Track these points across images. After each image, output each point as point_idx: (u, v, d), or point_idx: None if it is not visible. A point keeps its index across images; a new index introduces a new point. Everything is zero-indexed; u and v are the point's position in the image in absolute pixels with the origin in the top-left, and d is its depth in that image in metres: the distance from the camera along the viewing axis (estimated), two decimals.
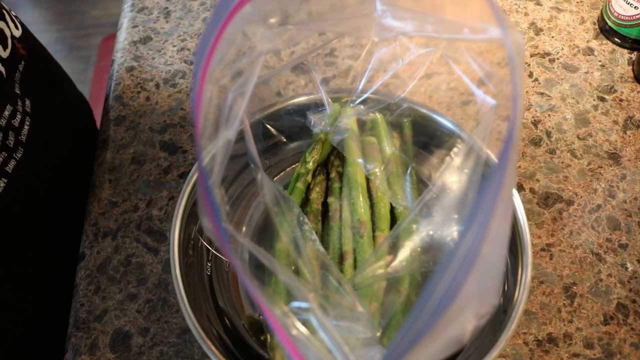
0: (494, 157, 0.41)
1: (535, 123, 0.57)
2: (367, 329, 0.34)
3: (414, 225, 0.40)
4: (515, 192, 0.42)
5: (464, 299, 0.18)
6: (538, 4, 0.68)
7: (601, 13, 0.65)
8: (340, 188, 0.45)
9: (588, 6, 0.67)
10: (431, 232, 0.40)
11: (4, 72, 0.44)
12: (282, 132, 0.50)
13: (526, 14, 0.67)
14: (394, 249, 0.40)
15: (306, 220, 0.41)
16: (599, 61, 0.62)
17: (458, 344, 0.21)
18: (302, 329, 0.29)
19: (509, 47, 0.18)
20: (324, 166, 0.47)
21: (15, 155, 0.45)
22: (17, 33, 0.48)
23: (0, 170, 0.44)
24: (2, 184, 0.44)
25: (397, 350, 0.19)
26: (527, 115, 0.58)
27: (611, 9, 0.62)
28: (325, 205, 0.45)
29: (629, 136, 0.57)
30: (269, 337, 0.40)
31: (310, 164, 0.45)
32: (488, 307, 0.20)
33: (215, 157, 0.31)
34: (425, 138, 0.48)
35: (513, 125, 0.17)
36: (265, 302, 0.25)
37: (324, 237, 0.44)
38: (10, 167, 0.45)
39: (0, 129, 0.43)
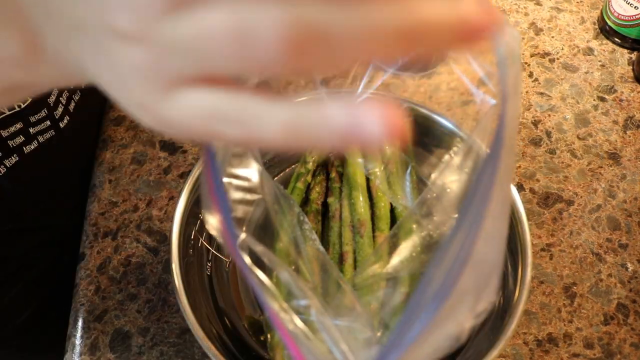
0: None
1: (535, 123, 0.57)
2: (366, 329, 0.34)
3: (414, 225, 0.40)
4: (515, 192, 0.42)
5: (459, 295, 0.18)
6: (538, 4, 0.68)
7: (601, 13, 0.65)
8: (340, 188, 0.45)
9: (588, 6, 0.67)
10: (431, 232, 0.40)
11: None
12: None
13: (526, 14, 0.67)
14: (393, 248, 0.40)
15: (306, 219, 0.41)
16: (599, 61, 0.62)
17: (456, 341, 0.21)
18: (303, 327, 0.29)
19: (500, 42, 0.18)
20: (324, 166, 0.47)
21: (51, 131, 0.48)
22: None
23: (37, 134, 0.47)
24: (49, 135, 0.47)
25: (393, 347, 0.19)
26: (527, 115, 0.58)
27: (611, 9, 0.62)
28: (325, 205, 0.45)
29: (629, 136, 0.57)
30: (268, 337, 0.41)
31: (310, 164, 0.45)
32: (485, 304, 0.20)
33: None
34: (425, 138, 0.48)
35: (502, 122, 0.17)
36: (269, 298, 0.25)
37: (324, 237, 0.44)
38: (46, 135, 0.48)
39: (48, 107, 0.47)
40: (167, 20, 0.14)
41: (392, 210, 0.44)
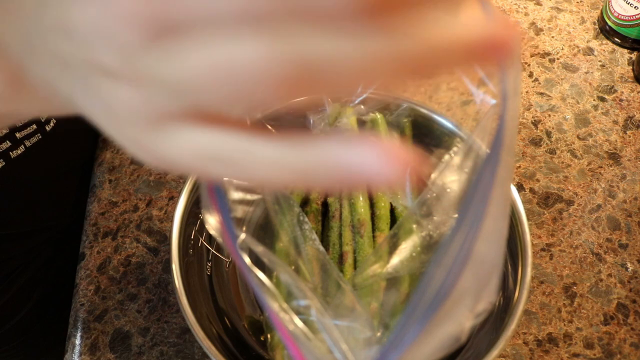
0: None
1: (535, 123, 0.57)
2: (366, 329, 0.34)
3: (414, 225, 0.40)
4: (515, 192, 0.42)
5: (458, 295, 0.18)
6: (538, 4, 0.68)
7: (601, 13, 0.65)
8: None
9: (588, 6, 0.67)
10: (431, 232, 0.40)
11: None
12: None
13: (526, 14, 0.67)
14: (393, 248, 0.40)
15: (306, 219, 0.41)
16: (599, 61, 0.62)
17: (456, 341, 0.21)
18: (303, 327, 0.29)
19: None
20: None
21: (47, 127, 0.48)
22: None
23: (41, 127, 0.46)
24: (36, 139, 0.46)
25: (393, 346, 0.19)
26: (527, 115, 0.58)
27: (611, 9, 0.62)
28: (325, 205, 0.45)
29: (629, 136, 0.57)
30: (269, 337, 0.41)
31: None
32: (485, 304, 0.20)
33: None
34: (425, 138, 0.48)
35: (502, 122, 0.17)
36: (269, 299, 0.25)
37: (324, 237, 0.44)
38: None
39: None
40: (150, 55, 0.13)
41: (392, 210, 0.44)
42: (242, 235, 0.34)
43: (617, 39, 0.63)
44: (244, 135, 0.15)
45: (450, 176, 0.38)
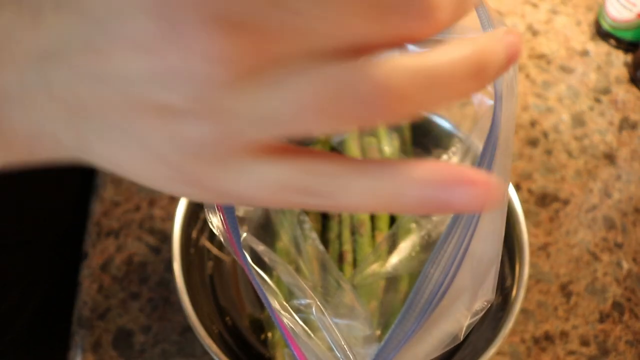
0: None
1: (532, 124, 0.58)
2: (365, 327, 0.35)
3: (413, 224, 0.41)
4: (513, 191, 0.43)
5: (455, 293, 0.19)
6: (535, 6, 0.68)
7: (597, 16, 0.65)
8: None
9: (584, 9, 0.68)
10: (430, 231, 0.40)
11: None
12: None
13: (523, 16, 0.67)
14: (393, 248, 0.41)
15: (306, 219, 0.41)
16: (595, 63, 0.63)
17: (454, 340, 0.22)
18: (303, 325, 0.30)
19: None
20: None
21: None
22: None
23: None
24: None
25: (391, 344, 0.20)
26: (524, 116, 0.59)
27: (606, 12, 0.63)
28: None
29: (624, 137, 0.57)
30: (269, 335, 0.41)
31: None
32: (483, 303, 0.21)
33: None
34: (424, 138, 0.49)
35: (496, 122, 0.18)
36: (270, 297, 0.26)
37: (323, 237, 0.44)
38: None
39: None
40: (234, 91, 0.13)
41: None
42: (244, 234, 0.35)
43: (612, 41, 0.64)
44: (328, 164, 0.15)
45: None
